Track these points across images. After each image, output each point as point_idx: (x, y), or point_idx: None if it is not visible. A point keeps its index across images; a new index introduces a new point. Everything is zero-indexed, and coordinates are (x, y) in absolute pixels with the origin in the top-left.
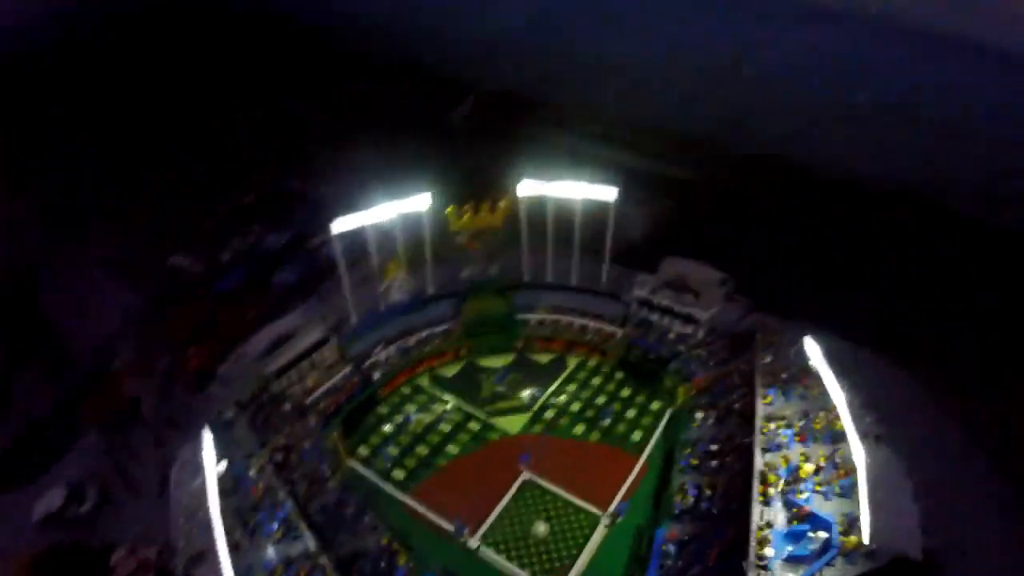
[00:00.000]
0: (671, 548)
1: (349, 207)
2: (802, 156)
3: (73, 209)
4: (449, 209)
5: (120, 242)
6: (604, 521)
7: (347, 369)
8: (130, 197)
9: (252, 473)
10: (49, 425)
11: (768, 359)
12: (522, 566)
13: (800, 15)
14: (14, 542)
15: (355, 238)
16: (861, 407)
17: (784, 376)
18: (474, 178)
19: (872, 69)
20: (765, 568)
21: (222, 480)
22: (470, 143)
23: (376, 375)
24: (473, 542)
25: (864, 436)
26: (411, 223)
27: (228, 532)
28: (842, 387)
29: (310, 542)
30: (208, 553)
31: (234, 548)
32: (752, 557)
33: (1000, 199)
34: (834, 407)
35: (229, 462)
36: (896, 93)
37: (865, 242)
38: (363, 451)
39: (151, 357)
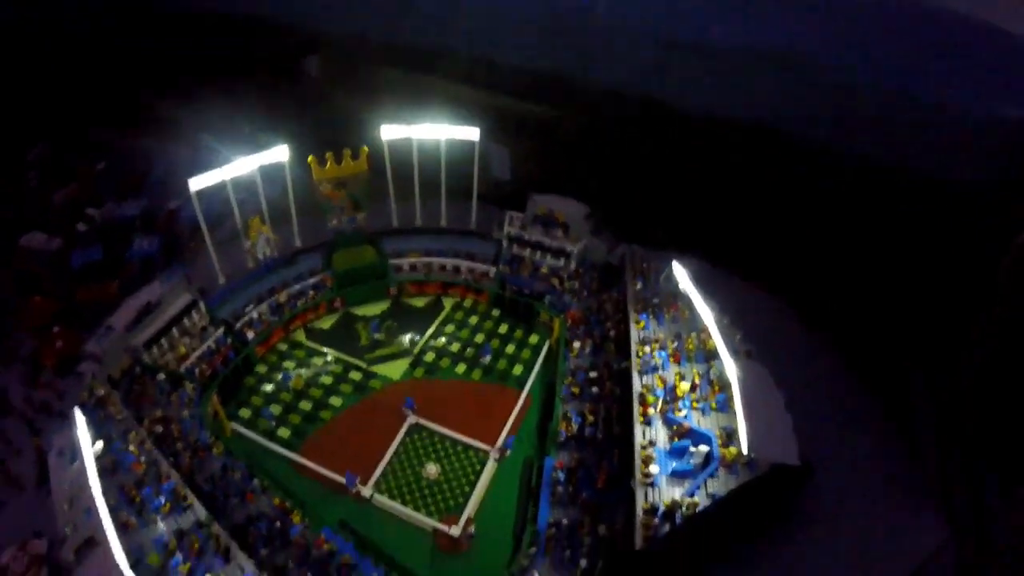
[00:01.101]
0: (560, 476)
1: (204, 165)
2: (659, 92)
3: None
4: (310, 158)
5: None
6: (493, 456)
7: (219, 332)
8: None
9: (132, 449)
10: None
11: (638, 286)
12: (417, 508)
13: None
14: None
15: (214, 197)
16: (729, 326)
17: (655, 301)
18: (333, 125)
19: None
20: (652, 485)
21: (101, 460)
22: (325, 90)
23: (250, 335)
24: (366, 492)
25: (735, 353)
26: (271, 176)
27: (114, 512)
28: (710, 308)
29: (200, 512)
30: (97, 537)
31: (123, 528)
32: (639, 476)
33: (851, 129)
34: (704, 327)
35: (107, 441)
36: (749, 30)
37: (724, 173)
38: (245, 414)
39: (14, 343)
